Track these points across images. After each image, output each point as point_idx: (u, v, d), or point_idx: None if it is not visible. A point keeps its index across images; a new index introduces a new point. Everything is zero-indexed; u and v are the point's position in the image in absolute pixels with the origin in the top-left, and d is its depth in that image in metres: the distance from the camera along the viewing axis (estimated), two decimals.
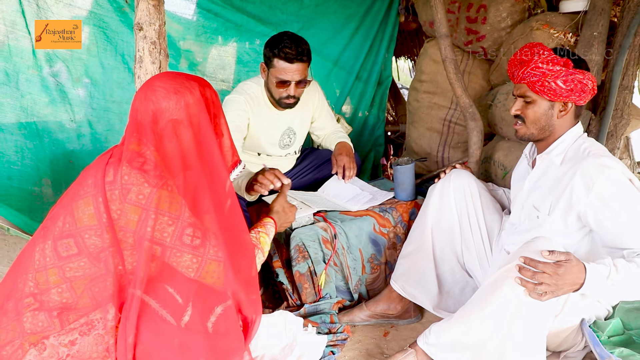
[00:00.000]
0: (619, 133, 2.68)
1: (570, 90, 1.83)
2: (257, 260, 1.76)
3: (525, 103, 1.94)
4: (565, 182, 1.84)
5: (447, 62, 2.78)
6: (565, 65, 1.83)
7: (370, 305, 2.35)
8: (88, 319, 1.45)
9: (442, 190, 2.25)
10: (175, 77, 1.55)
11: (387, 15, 4.08)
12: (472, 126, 2.85)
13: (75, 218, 1.44)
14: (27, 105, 2.92)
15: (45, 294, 1.45)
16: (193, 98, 1.52)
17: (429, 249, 2.26)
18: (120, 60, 3.10)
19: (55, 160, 3.02)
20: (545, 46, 1.90)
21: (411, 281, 2.26)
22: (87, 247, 1.44)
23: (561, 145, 1.93)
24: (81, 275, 1.46)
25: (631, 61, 2.61)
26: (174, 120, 1.49)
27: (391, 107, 5.11)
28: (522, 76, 1.89)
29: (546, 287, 1.59)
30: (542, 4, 3.15)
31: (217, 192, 1.56)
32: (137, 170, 1.44)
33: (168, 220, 1.45)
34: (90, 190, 1.45)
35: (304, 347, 1.95)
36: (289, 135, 2.83)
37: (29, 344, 1.40)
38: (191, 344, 1.48)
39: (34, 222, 2.83)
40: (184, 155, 1.51)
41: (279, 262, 2.45)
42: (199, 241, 1.49)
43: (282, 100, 2.61)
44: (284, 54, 2.46)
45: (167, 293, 1.50)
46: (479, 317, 1.74)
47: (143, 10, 2.04)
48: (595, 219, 1.78)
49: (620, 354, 1.70)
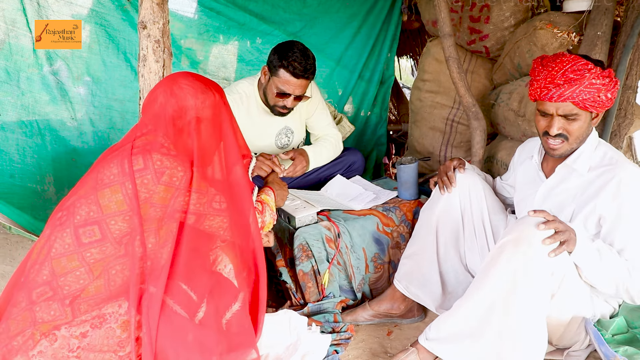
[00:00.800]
0: (622, 132, 2.67)
1: (610, 100, 1.82)
2: (268, 213, 1.98)
3: (569, 120, 1.85)
4: (593, 189, 1.86)
5: (450, 61, 2.78)
6: (609, 76, 1.81)
7: (374, 304, 2.35)
8: (100, 312, 1.46)
9: (443, 194, 2.24)
10: (199, 78, 1.67)
11: (390, 14, 4.07)
12: (475, 125, 2.85)
13: (101, 206, 1.50)
14: (28, 103, 2.91)
15: (62, 277, 1.47)
16: (215, 99, 1.65)
17: (433, 250, 2.25)
18: (122, 58, 3.10)
19: (58, 159, 3.01)
20: (580, 58, 1.83)
21: (415, 281, 2.26)
22: (111, 233, 1.50)
23: (584, 155, 1.91)
24: (101, 258, 1.50)
25: (635, 61, 2.61)
26: (198, 117, 1.60)
27: (393, 106, 5.11)
28: (571, 95, 1.79)
29: (563, 233, 1.66)
30: (546, 4, 3.15)
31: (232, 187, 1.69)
32: (168, 156, 1.55)
33: (199, 196, 1.59)
34: (117, 178, 1.51)
35: (308, 346, 1.96)
36: (286, 134, 2.81)
37: (40, 333, 1.42)
38: (205, 339, 1.50)
39: (36, 221, 2.82)
40: (200, 151, 1.61)
41: (282, 261, 2.45)
42: (225, 205, 1.65)
43: (276, 108, 2.59)
44: (292, 68, 2.44)
45: (181, 290, 1.53)
46: (477, 297, 1.76)
47: (147, 8, 2.03)
48: (609, 225, 1.82)
49: (624, 352, 1.70)
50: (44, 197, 2.97)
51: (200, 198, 1.58)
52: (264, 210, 1.94)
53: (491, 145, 3.24)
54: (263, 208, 1.95)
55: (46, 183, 2.99)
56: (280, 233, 2.50)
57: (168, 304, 1.49)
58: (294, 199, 2.52)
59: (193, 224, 1.58)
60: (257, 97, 2.67)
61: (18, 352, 1.40)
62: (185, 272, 1.55)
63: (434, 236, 2.25)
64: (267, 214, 1.96)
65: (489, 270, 1.74)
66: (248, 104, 2.66)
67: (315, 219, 2.41)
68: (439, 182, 2.25)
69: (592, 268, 1.74)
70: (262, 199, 2.01)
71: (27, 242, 2.97)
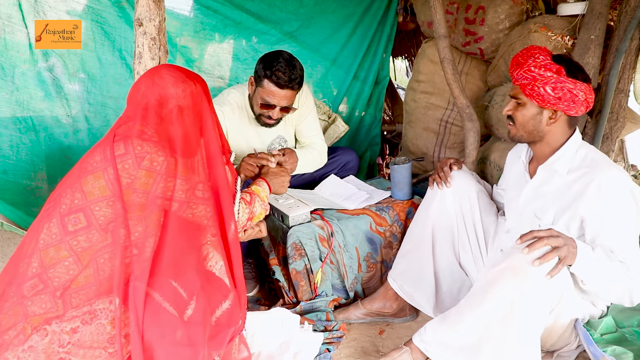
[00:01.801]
0: (614, 136, 2.69)
1: (558, 98, 1.83)
2: (257, 204, 1.97)
3: (517, 105, 1.95)
4: (574, 191, 1.86)
5: (444, 62, 2.79)
6: (557, 72, 1.83)
7: (366, 303, 2.36)
8: (91, 308, 1.45)
9: (442, 194, 2.25)
10: (180, 68, 1.70)
11: (386, 15, 4.08)
12: (469, 127, 2.86)
13: (85, 192, 1.51)
14: (23, 99, 2.90)
15: (52, 269, 1.46)
16: (196, 89, 1.67)
17: (428, 249, 2.26)
18: (118, 55, 3.09)
19: (51, 155, 3.00)
20: (546, 51, 1.90)
21: (410, 280, 2.27)
22: (97, 219, 1.50)
23: (564, 157, 1.93)
24: (88, 246, 1.50)
25: (627, 65, 2.63)
26: (179, 106, 1.61)
27: (388, 106, 5.12)
28: (516, 77, 1.91)
29: (560, 249, 1.61)
30: (540, 7, 3.16)
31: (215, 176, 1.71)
32: (149, 141, 1.56)
33: (181, 182, 1.59)
34: (99, 165, 1.53)
35: (301, 344, 1.96)
36: (279, 143, 2.78)
37: (32, 327, 1.41)
38: (194, 336, 1.49)
39: (29, 217, 2.81)
40: (183, 139, 1.62)
41: (275, 259, 2.45)
42: (208, 194, 1.66)
43: (262, 117, 2.55)
44: (276, 77, 2.37)
45: (171, 287, 1.53)
46: (473, 316, 1.75)
47: (143, 5, 2.03)
48: (593, 226, 1.82)
49: (612, 352, 1.72)
50: (37, 194, 2.96)
51: (183, 185, 1.59)
52: (252, 200, 1.94)
53: (484, 146, 3.26)
54: (252, 199, 1.95)
55: (39, 180, 2.98)
56: (274, 231, 2.50)
57: (157, 301, 1.49)
58: (288, 198, 2.53)
59: (176, 211, 1.58)
60: (248, 107, 2.62)
61: (9, 346, 1.40)
62: (175, 269, 1.55)
63: (430, 235, 2.26)
64: (257, 205, 1.97)
65: (486, 292, 1.71)
66: (240, 114, 2.62)
67: (308, 218, 2.42)
68: (435, 178, 2.26)
69: (593, 277, 1.72)
70: (253, 189, 2.02)
71: (19, 238, 2.97)
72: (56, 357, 1.40)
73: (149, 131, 1.59)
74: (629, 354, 1.70)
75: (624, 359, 1.69)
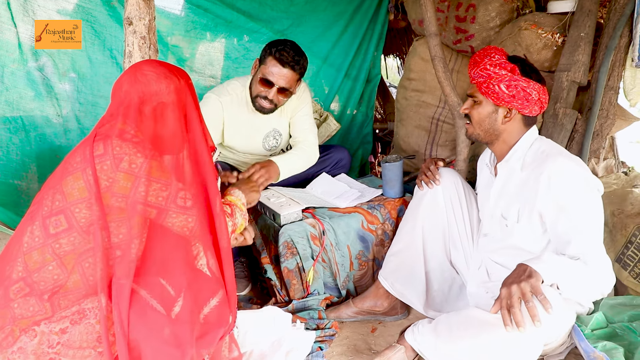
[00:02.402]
0: (604, 133, 2.71)
1: (512, 96, 1.87)
2: (238, 214, 1.89)
3: (473, 103, 1.99)
4: (530, 186, 1.87)
5: (435, 60, 2.79)
6: (511, 71, 1.88)
7: (357, 301, 2.36)
8: (80, 308, 1.44)
9: (433, 193, 2.25)
10: (162, 64, 1.65)
11: (377, 13, 4.09)
12: (461, 124, 2.87)
13: (65, 194, 1.47)
14: (13, 99, 2.88)
15: (36, 274, 1.44)
16: (180, 84, 1.62)
17: (419, 247, 2.27)
18: (108, 55, 3.08)
19: (42, 155, 2.98)
20: (502, 51, 1.94)
21: (401, 279, 2.28)
22: (77, 221, 1.47)
23: (518, 152, 1.96)
24: (71, 250, 1.47)
25: (617, 62, 2.65)
26: (162, 103, 1.58)
27: (379, 104, 5.13)
28: (473, 76, 1.96)
29: (525, 295, 1.51)
30: (531, 4, 3.18)
31: (201, 171, 1.66)
32: (128, 142, 1.51)
33: (161, 186, 1.53)
34: (79, 165, 1.49)
35: (293, 342, 1.96)
36: (274, 137, 2.79)
37: (20, 330, 1.40)
38: (181, 334, 1.48)
39: (18, 218, 2.79)
40: (171, 136, 1.60)
41: (267, 258, 2.45)
42: (191, 202, 1.59)
43: (258, 98, 2.54)
44: (279, 55, 2.44)
45: (158, 284, 1.51)
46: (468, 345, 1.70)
47: (133, 4, 2.02)
48: (550, 219, 1.82)
49: (603, 347, 1.73)
50: (27, 194, 2.94)
51: (162, 190, 1.53)
52: (233, 212, 1.88)
53: (476, 144, 3.27)
54: (232, 210, 1.88)
55: (30, 180, 2.96)
56: (265, 230, 2.50)
57: (144, 298, 1.47)
58: (279, 197, 2.53)
59: (155, 219, 1.54)
60: (248, 99, 2.64)
61: None
62: (162, 266, 1.53)
63: (420, 234, 2.27)
64: (238, 215, 1.90)
65: (479, 334, 1.67)
66: (239, 104, 2.64)
67: (300, 217, 2.42)
68: (423, 179, 2.27)
69: (564, 280, 1.66)
70: (230, 200, 1.94)
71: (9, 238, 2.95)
72: (46, 357, 1.39)
73: (131, 130, 1.55)
74: (620, 349, 1.71)
75: (615, 354, 1.70)
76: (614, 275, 1.75)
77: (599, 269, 1.71)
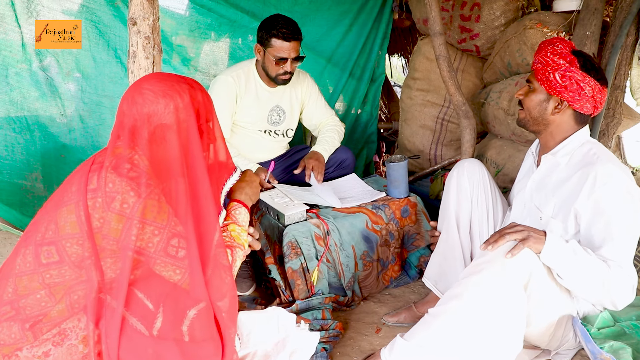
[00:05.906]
0: (610, 132, 2.70)
1: (564, 86, 1.84)
2: (237, 255, 1.68)
3: (528, 89, 1.99)
4: (572, 184, 1.85)
5: (440, 59, 2.78)
6: (570, 62, 1.86)
7: (420, 306, 2.33)
8: (60, 329, 1.40)
9: (458, 177, 2.23)
10: (165, 78, 1.50)
11: (381, 13, 4.07)
12: (465, 124, 2.86)
13: (58, 226, 1.41)
14: (17, 99, 2.89)
15: (24, 299, 1.40)
16: (183, 102, 1.48)
17: (455, 237, 2.24)
18: (112, 55, 3.08)
19: (47, 155, 2.99)
20: (568, 43, 1.93)
21: (444, 276, 2.25)
22: (69, 256, 1.41)
23: (567, 147, 1.93)
24: (61, 282, 1.42)
25: (623, 61, 2.63)
26: (162, 125, 1.45)
27: (384, 104, 5.12)
28: (534, 62, 1.96)
29: (526, 240, 1.68)
30: (536, 3, 3.16)
31: (198, 203, 1.51)
32: (123, 177, 1.40)
33: (154, 230, 1.42)
34: (73, 197, 1.41)
35: (297, 343, 1.95)
36: (277, 113, 2.93)
37: (2, 355, 1.36)
38: (165, 353, 1.41)
39: (24, 217, 2.81)
40: (171, 161, 1.47)
41: (271, 258, 2.45)
42: (184, 252, 1.45)
43: (279, 77, 2.75)
44: (282, 34, 2.64)
45: (136, 298, 1.42)
46: (453, 308, 1.71)
47: (137, 4, 2.02)
48: (586, 221, 1.80)
49: (610, 348, 1.71)
50: (33, 194, 2.95)
51: (154, 235, 1.41)
52: (233, 255, 1.67)
53: (481, 143, 3.26)
54: (233, 254, 1.66)
55: (35, 179, 2.97)
56: (270, 230, 2.50)
57: (125, 319, 1.40)
58: (284, 197, 2.52)
59: (145, 262, 1.43)
60: (256, 74, 2.84)
61: None
62: (140, 278, 1.46)
63: (454, 217, 2.24)
64: (238, 259, 1.69)
65: (466, 288, 1.70)
66: (247, 79, 2.82)
67: (304, 217, 2.42)
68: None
69: (568, 269, 1.69)
70: (233, 236, 1.71)
71: (14, 238, 2.95)
72: None
73: (135, 155, 1.44)
74: (627, 349, 1.69)
75: (622, 354, 1.68)
76: (634, 292, 1.74)
77: (619, 278, 1.70)
